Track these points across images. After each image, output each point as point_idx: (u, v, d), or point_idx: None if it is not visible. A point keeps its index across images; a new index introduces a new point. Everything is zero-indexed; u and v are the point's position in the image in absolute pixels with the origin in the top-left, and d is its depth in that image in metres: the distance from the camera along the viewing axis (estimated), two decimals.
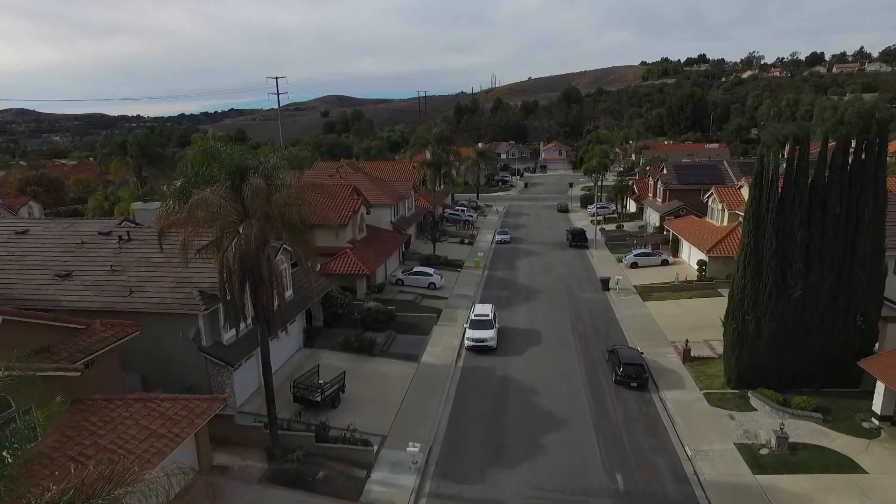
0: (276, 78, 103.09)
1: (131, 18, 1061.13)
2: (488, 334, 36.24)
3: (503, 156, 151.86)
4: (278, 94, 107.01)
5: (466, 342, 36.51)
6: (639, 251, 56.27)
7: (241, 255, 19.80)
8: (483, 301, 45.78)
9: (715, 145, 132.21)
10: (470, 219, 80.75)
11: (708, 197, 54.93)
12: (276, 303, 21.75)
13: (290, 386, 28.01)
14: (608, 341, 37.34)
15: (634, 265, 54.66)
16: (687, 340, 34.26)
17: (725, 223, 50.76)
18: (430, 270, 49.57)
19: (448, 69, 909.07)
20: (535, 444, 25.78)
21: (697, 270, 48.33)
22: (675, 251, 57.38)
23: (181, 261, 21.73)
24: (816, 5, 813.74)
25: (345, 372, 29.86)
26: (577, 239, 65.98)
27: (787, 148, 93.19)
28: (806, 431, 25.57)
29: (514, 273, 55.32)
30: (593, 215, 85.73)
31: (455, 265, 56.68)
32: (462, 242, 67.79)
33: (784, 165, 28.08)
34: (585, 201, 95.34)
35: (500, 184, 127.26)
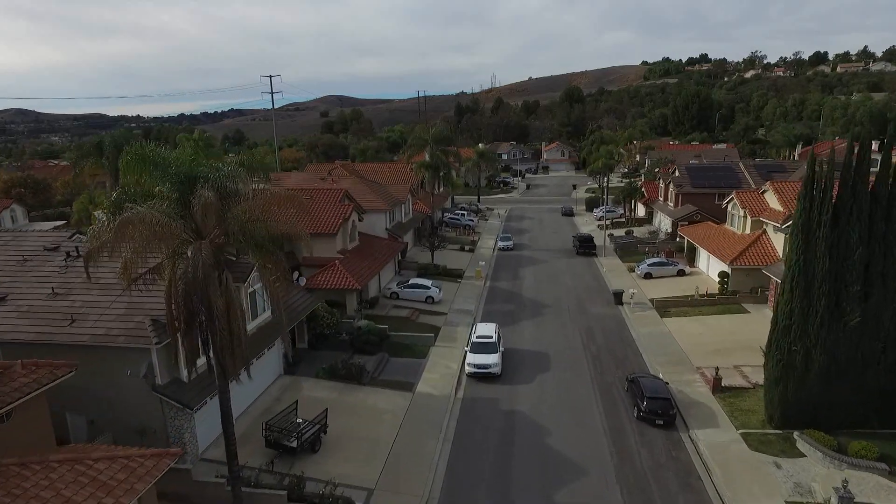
0: (270, 76, 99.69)
1: (132, 19, 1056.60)
2: (492, 359, 32.27)
3: (504, 156, 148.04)
4: (272, 92, 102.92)
5: (467, 368, 32.54)
6: (652, 260, 52.28)
7: (186, 286, 15.84)
8: (485, 317, 41.95)
9: (723, 146, 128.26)
10: (471, 224, 76.80)
11: (728, 202, 50.94)
12: (235, 339, 17.79)
13: (263, 428, 24.06)
14: (625, 366, 33.40)
15: (648, 275, 50.69)
16: (717, 369, 30.26)
17: (748, 231, 46.77)
18: (428, 283, 45.61)
19: (448, 69, 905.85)
20: (550, 503, 21.82)
21: (719, 283, 44.35)
22: (692, 260, 53.40)
23: (125, 287, 17.82)
24: (817, 5, 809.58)
25: (327, 410, 25.89)
26: (585, 246, 62.03)
27: (798, 148, 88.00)
28: (871, 487, 21.60)
29: (519, 284, 51.36)
30: (600, 219, 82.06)
31: (455, 275, 52.71)
32: (462, 249, 63.83)
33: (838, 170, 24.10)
34: (591, 204, 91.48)
35: (502, 185, 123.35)
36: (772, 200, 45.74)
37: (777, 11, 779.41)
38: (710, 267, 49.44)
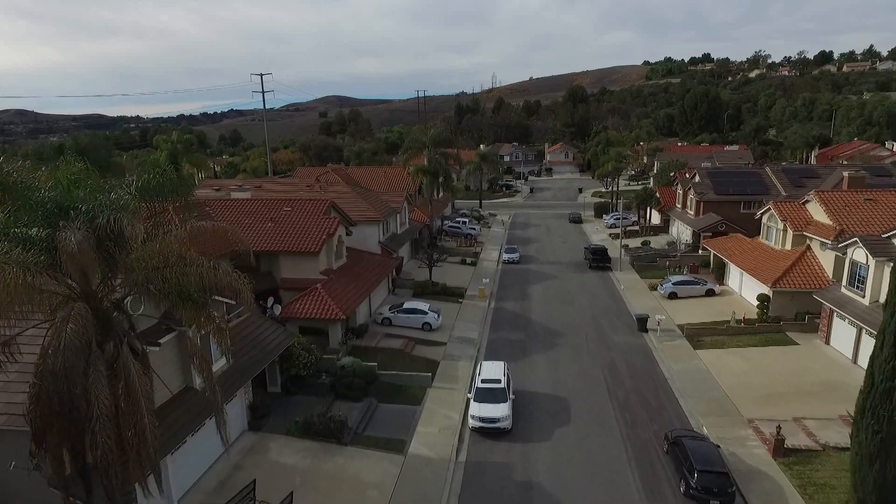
0: (261, 74, 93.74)
1: (132, 19, 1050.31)
2: (501, 411, 26.64)
3: (506, 158, 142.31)
4: (263, 91, 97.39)
5: (471, 421, 26.93)
6: (677, 278, 46.55)
7: (41, 380, 10.30)
8: (490, 348, 36.58)
9: (735, 147, 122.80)
10: (472, 232, 71.14)
11: (763, 213, 45.27)
12: (140, 440, 12.23)
13: None
14: (661, 417, 27.83)
15: (673, 295, 45.05)
16: (779, 428, 24.61)
17: (789, 247, 41.15)
18: (425, 306, 39.96)
19: (448, 70, 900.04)
20: None
21: (758, 307, 38.72)
22: (720, 277, 47.78)
23: None
24: (817, 6, 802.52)
25: (292, 494, 20.33)
26: (599, 259, 56.42)
27: (815, 152, 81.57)
28: None
29: (527, 305, 45.74)
30: (611, 227, 76.48)
31: (455, 294, 47.12)
32: (463, 262, 58.21)
33: None
34: (600, 210, 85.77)
35: (504, 189, 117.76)
36: (817, 212, 40.19)
37: (776, 12, 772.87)
38: (743, 286, 43.84)
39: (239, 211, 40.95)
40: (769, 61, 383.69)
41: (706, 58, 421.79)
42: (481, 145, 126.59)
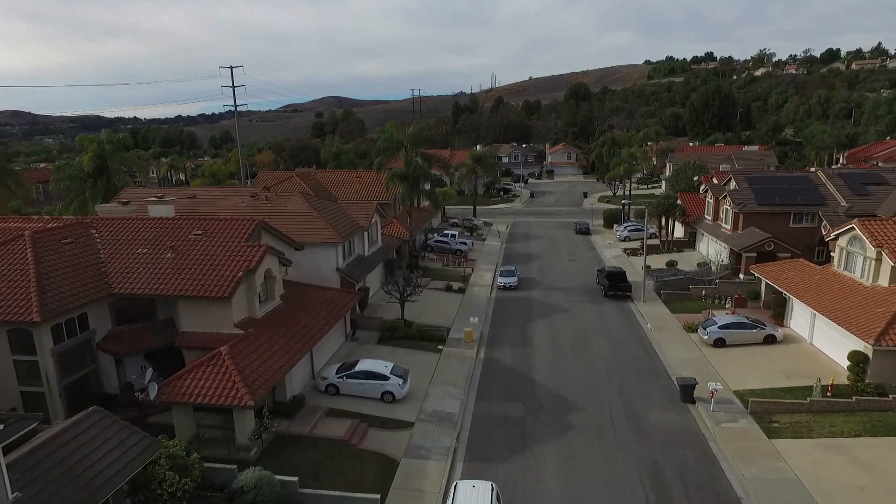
0: (231, 67, 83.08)
1: (132, 20, 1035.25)
2: None
3: (505, 160, 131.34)
4: (233, 86, 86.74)
5: None
6: (726, 320, 35.27)
7: None
8: (476, 430, 25.69)
9: (755, 147, 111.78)
10: (463, 248, 60.14)
11: (840, 234, 34.25)
12: None
13: None
14: None
15: (720, 342, 34.09)
16: None
17: (886, 283, 30.21)
18: (387, 367, 28.79)
19: (448, 71, 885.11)
20: None
21: (850, 370, 27.78)
22: (780, 316, 36.82)
23: None
24: (817, 6, 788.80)
25: None
26: (617, 286, 45.36)
27: (846, 152, 68.25)
28: None
29: (528, 355, 34.77)
30: (625, 240, 65.63)
31: (434, 338, 36.11)
32: (449, 289, 47.13)
33: None
34: (611, 220, 74.65)
35: (502, 193, 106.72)
36: None
37: (777, 12, 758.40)
38: (815, 332, 32.91)
39: (135, 235, 30.08)
40: (774, 59, 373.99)
41: (709, 56, 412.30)
42: (477, 146, 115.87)
